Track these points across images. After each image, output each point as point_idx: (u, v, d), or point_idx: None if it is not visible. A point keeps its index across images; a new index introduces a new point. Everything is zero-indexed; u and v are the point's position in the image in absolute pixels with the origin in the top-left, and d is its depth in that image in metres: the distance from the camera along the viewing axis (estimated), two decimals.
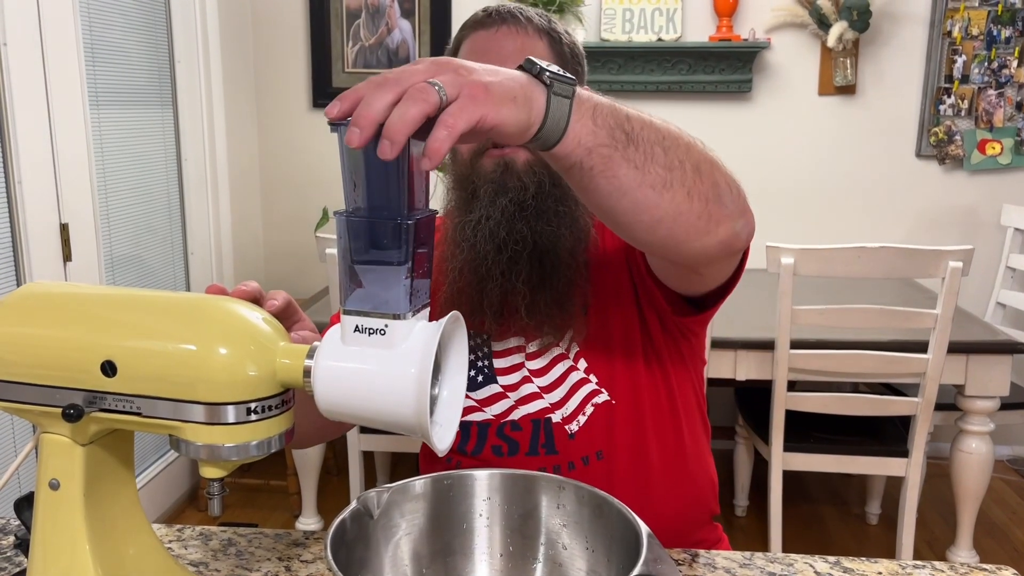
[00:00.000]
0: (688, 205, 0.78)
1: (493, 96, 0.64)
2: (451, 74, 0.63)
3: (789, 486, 2.56)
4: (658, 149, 0.75)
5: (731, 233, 0.84)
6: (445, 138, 0.61)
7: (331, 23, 3.18)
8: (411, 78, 0.62)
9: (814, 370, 2.12)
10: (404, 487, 0.78)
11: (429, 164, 0.60)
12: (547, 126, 0.69)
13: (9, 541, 0.98)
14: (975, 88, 3.03)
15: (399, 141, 0.59)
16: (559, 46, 1.08)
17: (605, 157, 0.72)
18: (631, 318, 1.09)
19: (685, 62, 3.03)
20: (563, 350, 1.09)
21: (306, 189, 3.30)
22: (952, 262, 2.00)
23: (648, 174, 0.74)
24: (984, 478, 2.26)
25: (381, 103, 0.60)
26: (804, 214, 3.17)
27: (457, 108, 0.62)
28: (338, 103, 0.62)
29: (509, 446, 1.09)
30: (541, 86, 0.69)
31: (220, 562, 0.95)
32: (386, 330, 0.64)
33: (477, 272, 1.05)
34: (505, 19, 1.07)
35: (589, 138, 0.71)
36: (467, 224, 1.05)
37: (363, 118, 0.60)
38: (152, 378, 0.66)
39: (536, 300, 1.05)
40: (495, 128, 0.65)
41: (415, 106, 0.60)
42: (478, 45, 1.07)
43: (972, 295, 3.00)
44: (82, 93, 2.25)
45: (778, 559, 0.96)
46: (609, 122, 0.72)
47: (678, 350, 1.13)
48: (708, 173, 0.79)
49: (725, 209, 0.81)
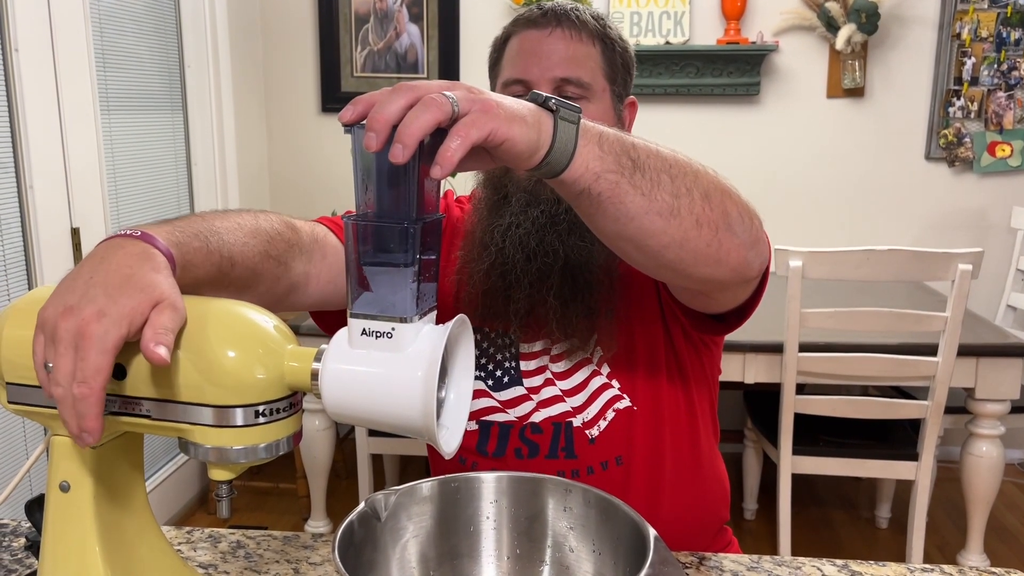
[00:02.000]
0: (696, 232, 0.78)
1: (504, 112, 0.65)
2: (463, 91, 0.65)
3: (798, 489, 2.55)
4: (665, 177, 0.75)
5: (742, 261, 0.83)
6: (458, 147, 0.62)
7: (340, 28, 3.20)
8: (425, 88, 0.63)
9: (823, 373, 2.12)
10: (411, 489, 0.79)
11: (440, 172, 0.61)
12: (555, 149, 0.69)
13: (20, 543, 0.99)
14: (985, 90, 3.02)
15: (411, 145, 0.60)
16: (611, 53, 1.07)
17: (612, 183, 0.73)
18: (655, 326, 1.09)
19: (693, 65, 3.03)
20: (587, 355, 1.09)
21: (315, 193, 3.31)
22: (962, 265, 1.99)
23: (655, 201, 0.75)
24: (995, 482, 2.25)
25: (395, 106, 0.62)
26: (813, 217, 3.17)
27: (470, 119, 0.63)
28: (351, 107, 0.64)
29: (529, 449, 1.09)
30: (548, 112, 0.70)
31: (229, 564, 0.95)
32: (393, 333, 0.65)
33: (505, 278, 1.06)
34: (560, 20, 1.04)
35: (596, 164, 0.72)
36: (496, 228, 1.06)
37: (377, 121, 0.61)
38: (160, 381, 0.66)
39: (567, 313, 1.05)
40: (506, 143, 0.66)
41: (428, 112, 0.61)
42: (528, 45, 1.05)
43: (982, 298, 2.98)
44: (93, 98, 2.27)
45: (786, 562, 0.96)
46: (615, 148, 0.73)
47: (699, 360, 1.13)
48: (718, 201, 0.79)
49: (736, 238, 0.81)
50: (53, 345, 0.63)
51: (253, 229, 0.86)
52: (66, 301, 0.64)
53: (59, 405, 0.63)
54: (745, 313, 1.02)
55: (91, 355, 0.61)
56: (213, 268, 0.78)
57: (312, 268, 0.94)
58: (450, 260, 1.12)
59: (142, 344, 0.62)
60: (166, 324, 0.63)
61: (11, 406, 0.72)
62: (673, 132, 3.11)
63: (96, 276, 0.65)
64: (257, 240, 0.85)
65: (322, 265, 0.96)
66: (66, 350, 0.62)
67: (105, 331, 0.61)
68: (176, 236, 0.74)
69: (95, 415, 0.62)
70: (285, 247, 0.89)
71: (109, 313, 0.62)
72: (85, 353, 0.61)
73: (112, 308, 0.62)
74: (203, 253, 0.77)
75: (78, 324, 0.62)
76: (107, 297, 0.63)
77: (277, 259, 0.88)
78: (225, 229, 0.82)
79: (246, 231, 0.85)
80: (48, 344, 0.63)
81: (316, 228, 0.98)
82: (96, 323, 0.61)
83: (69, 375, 0.61)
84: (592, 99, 1.05)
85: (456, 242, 1.14)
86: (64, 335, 0.62)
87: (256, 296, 0.86)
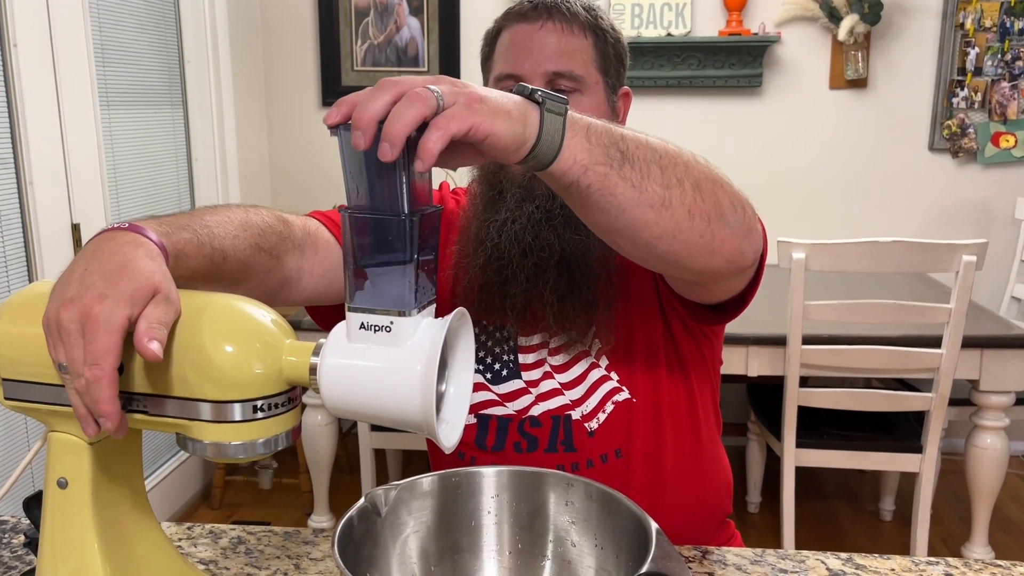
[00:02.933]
0: (688, 223, 0.78)
1: (488, 106, 0.65)
2: (448, 84, 0.64)
3: (802, 482, 2.55)
4: (655, 168, 0.75)
5: (736, 251, 0.83)
6: (437, 139, 0.61)
7: (340, 21, 3.19)
8: (409, 83, 0.63)
9: (826, 366, 2.11)
10: (411, 484, 0.78)
11: (421, 166, 0.61)
12: (542, 141, 0.69)
13: (19, 540, 0.99)
14: (988, 80, 3.01)
15: (398, 142, 0.60)
16: (603, 44, 1.06)
17: (602, 176, 0.72)
18: (654, 318, 1.09)
19: (695, 57, 3.02)
20: (585, 347, 1.09)
21: (316, 187, 3.31)
22: (966, 256, 1.98)
23: (645, 192, 0.74)
24: (999, 474, 2.24)
25: (379, 103, 0.61)
26: (815, 209, 3.16)
27: (451, 112, 0.63)
28: (336, 109, 0.63)
29: (528, 442, 1.08)
30: (534, 105, 0.69)
31: (230, 560, 0.95)
32: (391, 327, 0.64)
33: (501, 273, 1.05)
34: (551, 13, 1.04)
35: (584, 156, 0.71)
36: (492, 223, 1.05)
37: (362, 119, 0.61)
38: (157, 377, 0.66)
39: (564, 308, 1.05)
40: (489, 138, 0.65)
41: (413, 108, 0.61)
42: (519, 39, 1.05)
43: (986, 289, 2.97)
44: (92, 94, 2.26)
45: (789, 556, 0.95)
46: (604, 140, 0.73)
47: (699, 351, 1.12)
48: (710, 192, 0.79)
49: (728, 228, 0.81)
50: (61, 341, 0.62)
51: (243, 222, 0.85)
52: (64, 295, 0.63)
53: (80, 400, 0.63)
54: (743, 302, 1.02)
55: (99, 336, 0.61)
56: (205, 260, 0.78)
57: (305, 262, 0.94)
58: (445, 255, 1.11)
59: (135, 338, 0.61)
60: (160, 318, 0.62)
61: (8, 402, 0.71)
62: (675, 125, 3.10)
63: (91, 266, 0.65)
64: (248, 233, 0.85)
65: (315, 259, 0.95)
66: (75, 340, 0.61)
67: (110, 312, 0.61)
68: (165, 228, 0.74)
69: (109, 398, 0.61)
70: (276, 240, 0.89)
71: (110, 295, 0.62)
72: (92, 336, 0.61)
73: (113, 291, 0.62)
74: (194, 245, 0.77)
75: (80, 311, 0.62)
76: (106, 282, 0.63)
77: (268, 252, 0.87)
78: (215, 223, 0.81)
79: (236, 224, 0.84)
80: (56, 342, 0.63)
81: (308, 222, 0.97)
82: (99, 305, 0.61)
83: (82, 363, 0.61)
84: (585, 92, 1.05)
85: (451, 236, 1.13)
86: (69, 325, 0.62)
87: (248, 290, 0.85)
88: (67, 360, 0.62)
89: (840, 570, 0.92)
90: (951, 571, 0.92)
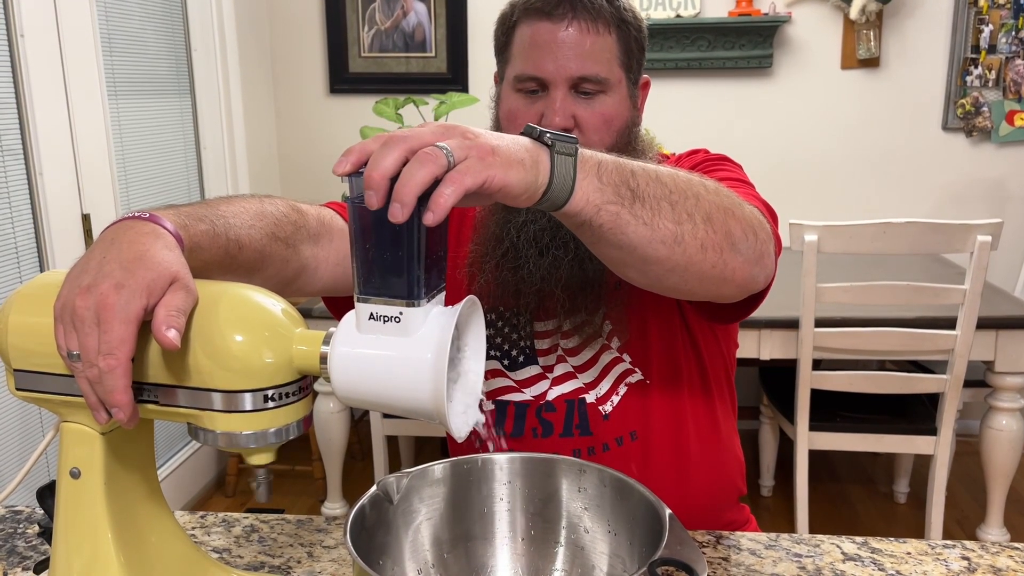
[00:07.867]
0: (701, 256, 0.78)
1: (500, 158, 0.64)
2: (459, 138, 0.64)
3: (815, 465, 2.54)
4: (665, 204, 0.75)
5: (747, 278, 0.84)
6: (451, 194, 0.61)
7: (346, 8, 3.17)
8: (419, 139, 0.62)
9: (839, 348, 2.10)
10: (423, 472, 0.78)
11: (432, 219, 0.60)
12: (554, 185, 0.69)
13: (34, 530, 0.99)
14: (1003, 58, 2.96)
15: (409, 203, 0.59)
16: (627, 39, 1.04)
17: (613, 215, 0.72)
18: (667, 301, 1.08)
19: (705, 38, 2.99)
20: (596, 329, 1.08)
21: (325, 175, 3.30)
22: (980, 236, 1.96)
23: (658, 230, 0.74)
24: (1015, 455, 2.23)
25: (390, 161, 0.61)
26: (828, 191, 3.13)
27: (465, 166, 0.62)
28: (345, 158, 0.63)
29: (544, 428, 1.09)
30: (544, 148, 0.69)
31: (243, 548, 0.95)
32: (401, 318, 0.63)
33: (517, 272, 1.05)
34: (576, 11, 1.00)
35: (596, 196, 0.71)
36: (511, 223, 1.05)
37: (372, 179, 0.60)
38: (169, 366, 0.66)
39: (576, 303, 1.05)
40: (502, 190, 0.65)
41: (424, 168, 0.60)
42: (541, 38, 1.01)
43: (1001, 269, 2.94)
44: (100, 83, 2.26)
45: (804, 540, 0.95)
46: (614, 179, 0.72)
47: (712, 333, 1.12)
48: (721, 223, 0.79)
49: (740, 256, 0.81)
50: (75, 328, 0.62)
51: (259, 212, 0.85)
52: (81, 283, 0.63)
53: (90, 388, 0.62)
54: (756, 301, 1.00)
55: (114, 325, 0.61)
56: (220, 251, 0.78)
57: (320, 251, 0.94)
58: (460, 253, 1.11)
59: (154, 325, 0.61)
60: (179, 306, 0.62)
61: (20, 393, 0.72)
62: (685, 107, 3.07)
63: (109, 255, 0.65)
64: (264, 223, 0.85)
65: (330, 248, 0.95)
66: (90, 328, 0.61)
67: (126, 301, 0.61)
68: (182, 219, 0.74)
69: (123, 388, 0.61)
70: (292, 229, 0.89)
71: (127, 284, 0.62)
72: (108, 325, 0.61)
73: (130, 280, 0.62)
74: (210, 236, 0.76)
75: (97, 299, 0.61)
76: (124, 271, 0.63)
77: (284, 241, 0.87)
78: (231, 213, 0.81)
79: (252, 214, 0.84)
80: (69, 329, 0.63)
81: (323, 212, 0.97)
82: (116, 294, 0.61)
83: (96, 352, 0.61)
84: (608, 92, 1.03)
85: (466, 232, 1.13)
86: (85, 313, 0.61)
87: (265, 279, 0.86)
88: (81, 349, 0.62)
89: (855, 554, 0.92)
90: (968, 554, 0.91)
